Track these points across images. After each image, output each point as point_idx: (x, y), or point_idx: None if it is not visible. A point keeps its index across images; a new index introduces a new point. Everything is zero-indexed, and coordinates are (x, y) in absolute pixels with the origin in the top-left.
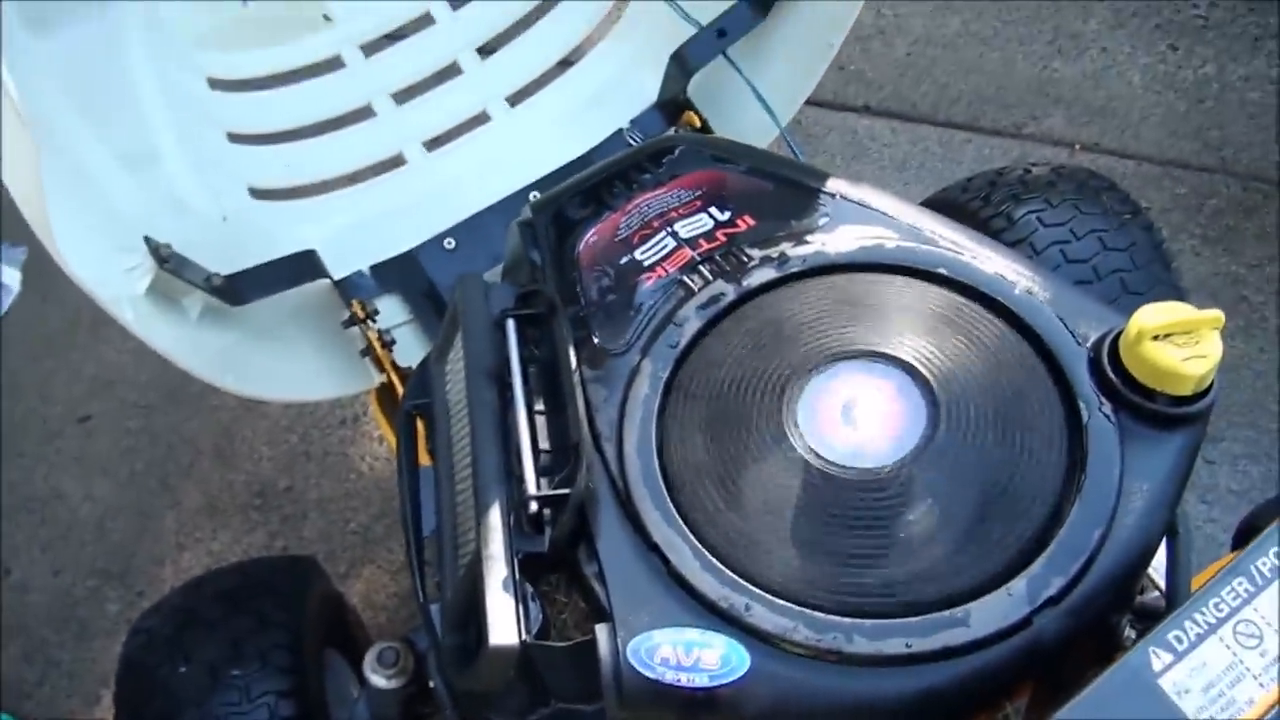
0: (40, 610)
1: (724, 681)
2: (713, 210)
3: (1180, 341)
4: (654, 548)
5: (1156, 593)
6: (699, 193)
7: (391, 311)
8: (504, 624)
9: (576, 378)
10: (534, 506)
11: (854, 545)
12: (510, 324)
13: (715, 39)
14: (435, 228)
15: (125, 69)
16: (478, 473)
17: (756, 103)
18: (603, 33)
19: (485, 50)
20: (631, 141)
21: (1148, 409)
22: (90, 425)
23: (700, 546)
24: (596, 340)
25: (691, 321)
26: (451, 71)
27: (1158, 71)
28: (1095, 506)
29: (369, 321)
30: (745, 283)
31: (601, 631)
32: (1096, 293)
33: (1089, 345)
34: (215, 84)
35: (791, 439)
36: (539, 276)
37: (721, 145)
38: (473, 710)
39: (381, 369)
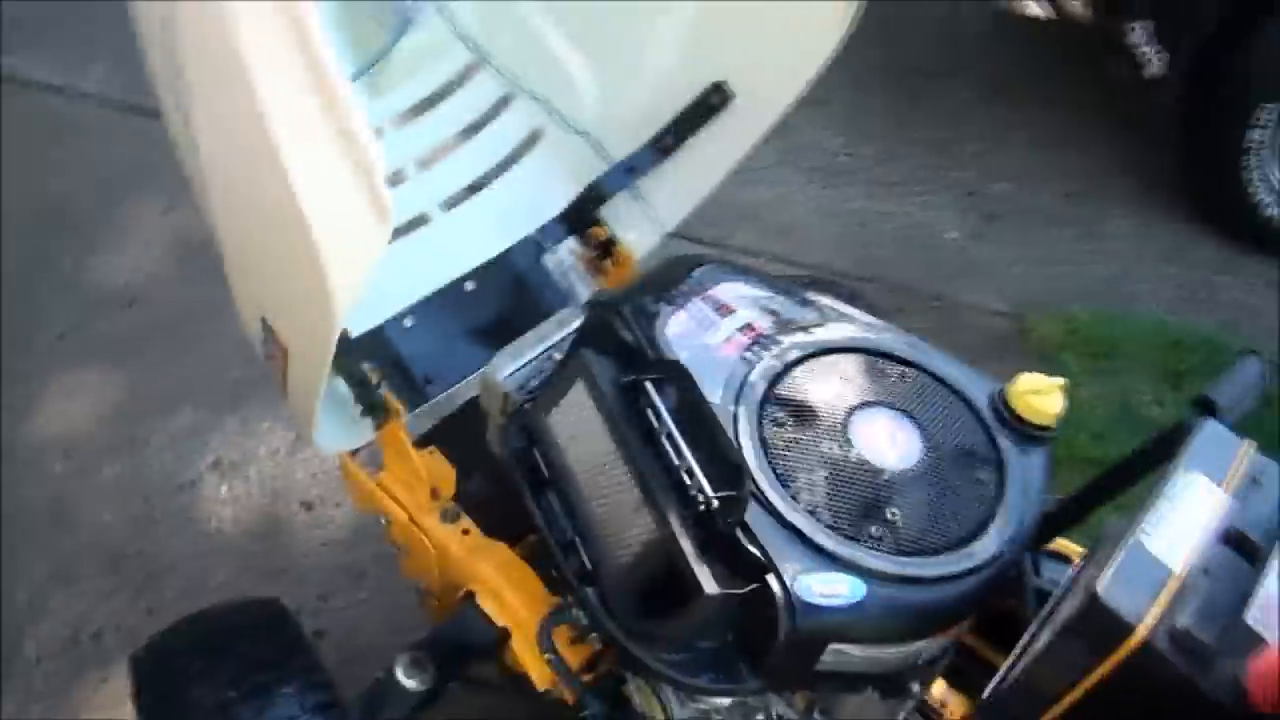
0: None
1: (855, 600)
2: (744, 310)
3: (1042, 393)
4: (789, 525)
5: None
6: (731, 296)
7: None
8: (710, 580)
9: (718, 419)
10: (708, 505)
11: (906, 514)
12: (649, 385)
13: (625, 174)
14: (395, 308)
15: None
16: (651, 487)
17: (645, 215)
18: (524, 151)
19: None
20: (540, 243)
21: (1028, 433)
22: None
23: (818, 522)
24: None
25: (760, 384)
26: (399, 178)
27: (816, 204)
28: (1018, 485)
29: (381, 384)
30: (785, 359)
31: (772, 579)
32: None
33: (989, 397)
34: None
35: (854, 452)
36: (637, 349)
37: (735, 266)
38: (640, 650)
39: (379, 425)
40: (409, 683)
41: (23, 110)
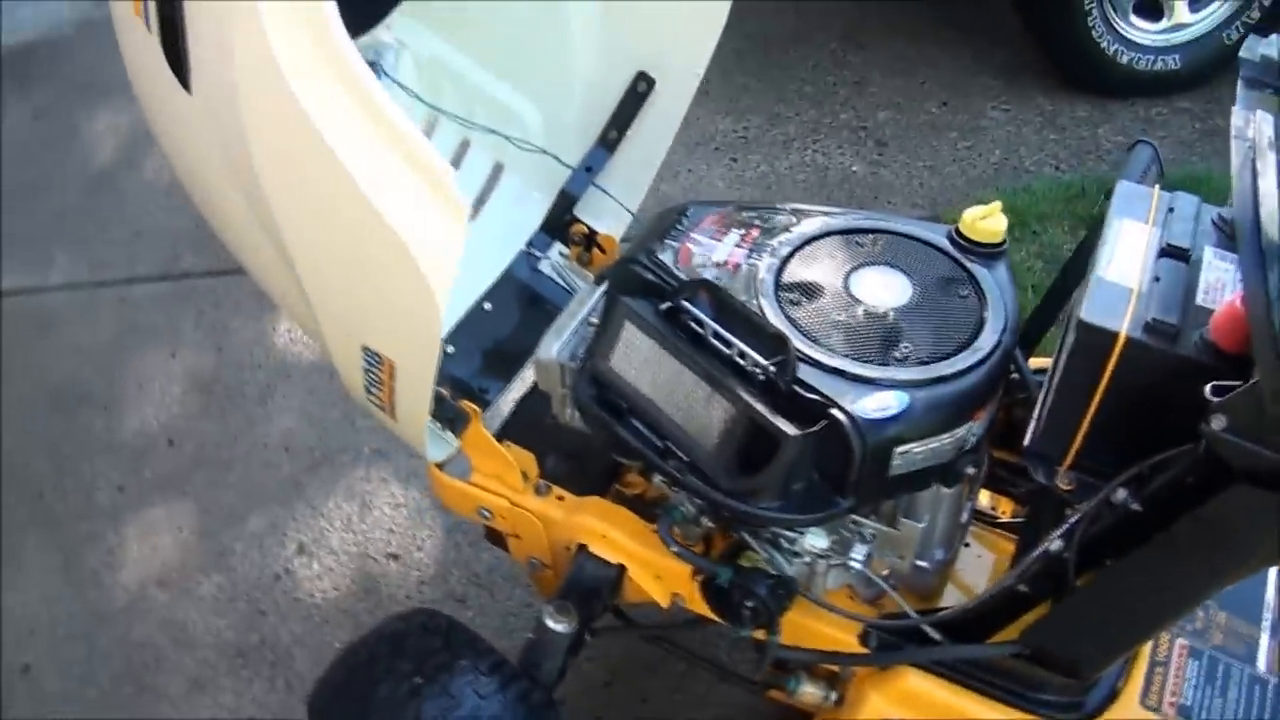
0: None
1: (903, 407)
2: (734, 230)
3: (987, 217)
4: (834, 370)
5: None
6: (720, 223)
7: None
8: (789, 425)
9: (750, 309)
10: (766, 373)
11: (917, 336)
12: (685, 302)
13: (585, 173)
14: None
15: None
16: (717, 377)
17: (611, 204)
18: (495, 181)
19: None
20: (532, 254)
21: (986, 252)
22: (30, 675)
23: (853, 361)
24: None
25: (768, 279)
26: None
27: (730, 178)
28: (994, 292)
29: (451, 398)
30: (780, 255)
31: (837, 411)
32: None
33: (947, 235)
34: None
35: (861, 304)
36: (662, 284)
37: (712, 201)
38: (746, 506)
39: (461, 431)
40: (558, 627)
41: (3, 321)
